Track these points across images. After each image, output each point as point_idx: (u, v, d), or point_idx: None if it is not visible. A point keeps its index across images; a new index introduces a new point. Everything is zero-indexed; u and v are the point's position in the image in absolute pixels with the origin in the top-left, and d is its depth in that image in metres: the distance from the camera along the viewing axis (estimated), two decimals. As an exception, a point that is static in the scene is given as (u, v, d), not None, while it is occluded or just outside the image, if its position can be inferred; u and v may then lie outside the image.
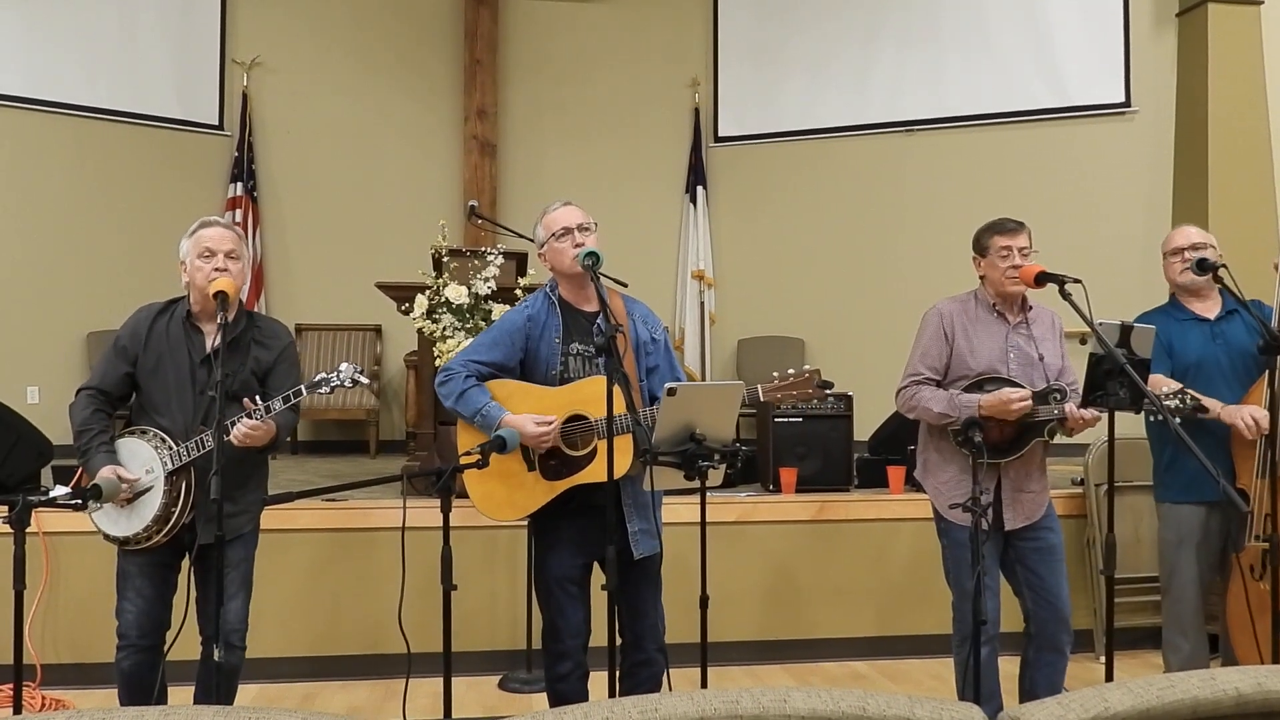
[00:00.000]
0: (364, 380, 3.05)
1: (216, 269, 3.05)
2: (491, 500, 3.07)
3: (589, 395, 2.94)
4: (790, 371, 3.04)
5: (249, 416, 2.93)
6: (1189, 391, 3.18)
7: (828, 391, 3.04)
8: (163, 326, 3.13)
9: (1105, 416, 3.12)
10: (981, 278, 3.44)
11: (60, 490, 4.36)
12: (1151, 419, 3.60)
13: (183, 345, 3.11)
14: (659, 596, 3.13)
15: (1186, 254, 3.64)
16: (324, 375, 3.01)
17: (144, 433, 3.07)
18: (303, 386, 2.99)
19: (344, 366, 3.01)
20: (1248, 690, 1.37)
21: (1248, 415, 3.44)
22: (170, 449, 3.01)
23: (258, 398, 2.99)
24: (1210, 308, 3.68)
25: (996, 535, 3.32)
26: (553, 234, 3.08)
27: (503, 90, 8.30)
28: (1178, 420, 3.00)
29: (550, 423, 2.95)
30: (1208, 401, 3.47)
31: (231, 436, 2.92)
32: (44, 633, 4.30)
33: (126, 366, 3.12)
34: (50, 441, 4.84)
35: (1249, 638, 3.55)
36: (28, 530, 2.63)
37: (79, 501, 2.97)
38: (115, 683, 3.13)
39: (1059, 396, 3.20)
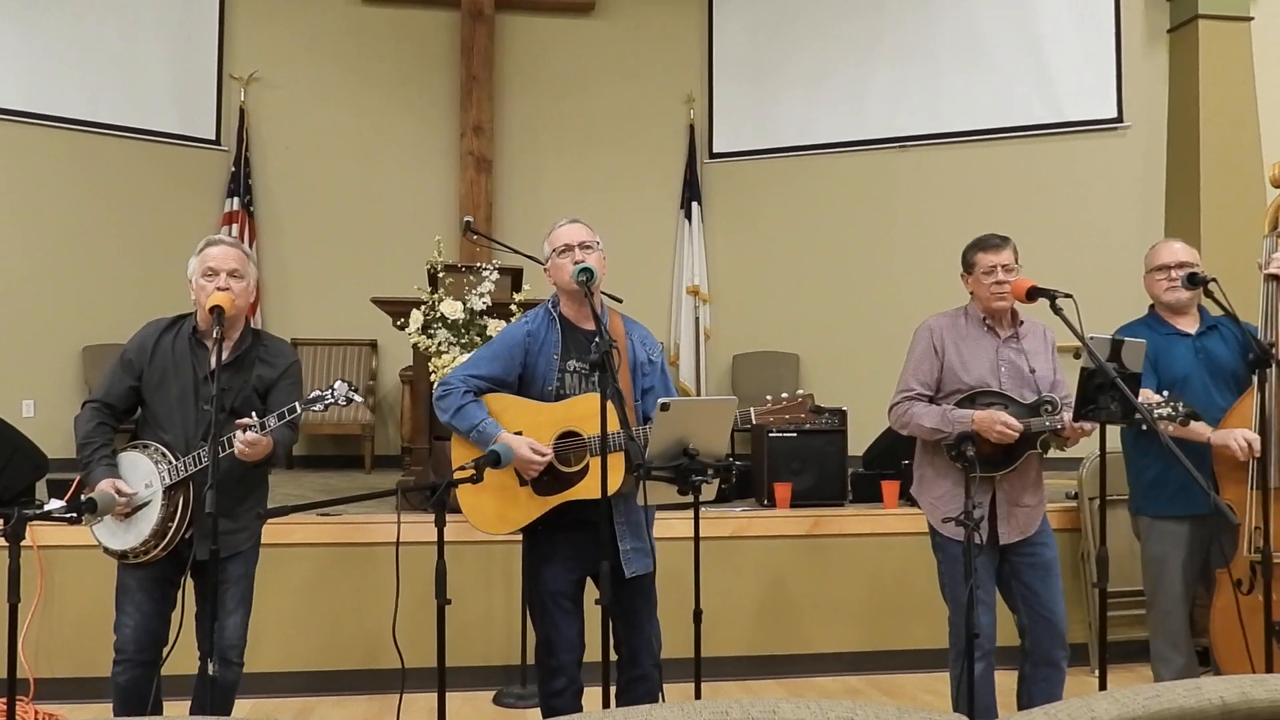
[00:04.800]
0: (357, 398, 3.07)
1: (218, 287, 3.07)
2: (482, 513, 3.08)
3: (583, 412, 2.95)
4: (784, 395, 3.05)
5: (245, 431, 2.94)
6: (1179, 400, 3.18)
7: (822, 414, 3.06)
8: (169, 342, 3.15)
9: (1098, 429, 3.13)
10: (971, 294, 3.45)
11: (55, 504, 4.36)
12: (1133, 433, 3.61)
13: (188, 361, 3.12)
14: (654, 611, 3.13)
15: (1174, 272, 3.62)
16: (318, 393, 3.03)
17: (145, 447, 3.08)
18: (298, 404, 3.00)
19: (338, 384, 3.03)
20: (1233, 700, 1.38)
21: (1240, 438, 3.43)
22: (170, 464, 3.02)
23: (254, 413, 3.00)
24: (1190, 323, 3.67)
25: (992, 550, 3.33)
26: (555, 250, 3.11)
27: (499, 106, 8.33)
28: (1169, 429, 3.00)
29: (545, 454, 2.96)
30: (1198, 426, 3.48)
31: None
32: (38, 646, 4.29)
33: (131, 380, 3.14)
34: (46, 455, 4.84)
35: (1237, 652, 3.54)
36: (22, 544, 2.63)
37: (74, 515, 2.97)
38: (110, 697, 3.12)
39: (1050, 408, 3.20)
